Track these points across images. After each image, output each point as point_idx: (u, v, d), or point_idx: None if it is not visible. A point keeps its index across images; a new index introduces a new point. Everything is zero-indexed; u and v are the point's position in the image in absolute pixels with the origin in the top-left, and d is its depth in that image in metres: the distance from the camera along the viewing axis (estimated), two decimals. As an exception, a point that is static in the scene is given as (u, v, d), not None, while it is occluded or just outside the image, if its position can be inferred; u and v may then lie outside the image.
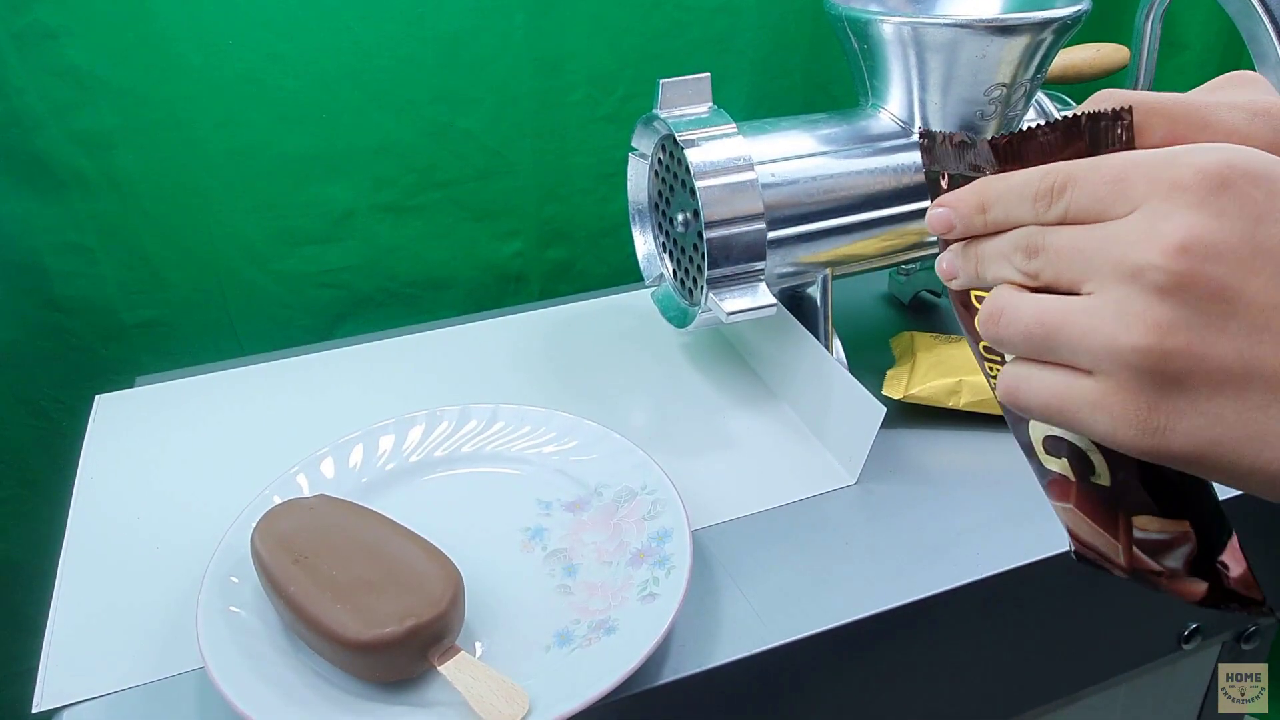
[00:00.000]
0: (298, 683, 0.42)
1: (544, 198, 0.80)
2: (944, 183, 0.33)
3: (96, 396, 0.66)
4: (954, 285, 0.32)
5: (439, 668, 0.41)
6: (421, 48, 0.71)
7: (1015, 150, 0.30)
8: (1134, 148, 0.28)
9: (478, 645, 0.45)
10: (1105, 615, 0.55)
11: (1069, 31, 0.55)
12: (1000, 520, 0.52)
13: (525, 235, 0.81)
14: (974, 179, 0.31)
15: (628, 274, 0.67)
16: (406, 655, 0.41)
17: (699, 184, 0.54)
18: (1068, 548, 0.34)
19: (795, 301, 0.63)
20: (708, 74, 0.57)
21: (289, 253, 0.75)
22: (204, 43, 0.66)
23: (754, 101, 0.82)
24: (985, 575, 0.49)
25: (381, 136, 0.73)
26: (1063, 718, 0.60)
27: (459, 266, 0.80)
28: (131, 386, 0.68)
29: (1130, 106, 0.28)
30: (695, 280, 0.60)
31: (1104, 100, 0.29)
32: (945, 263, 0.32)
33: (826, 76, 0.83)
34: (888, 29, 0.56)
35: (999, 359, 0.33)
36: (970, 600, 0.49)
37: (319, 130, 0.71)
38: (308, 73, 0.69)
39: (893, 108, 0.60)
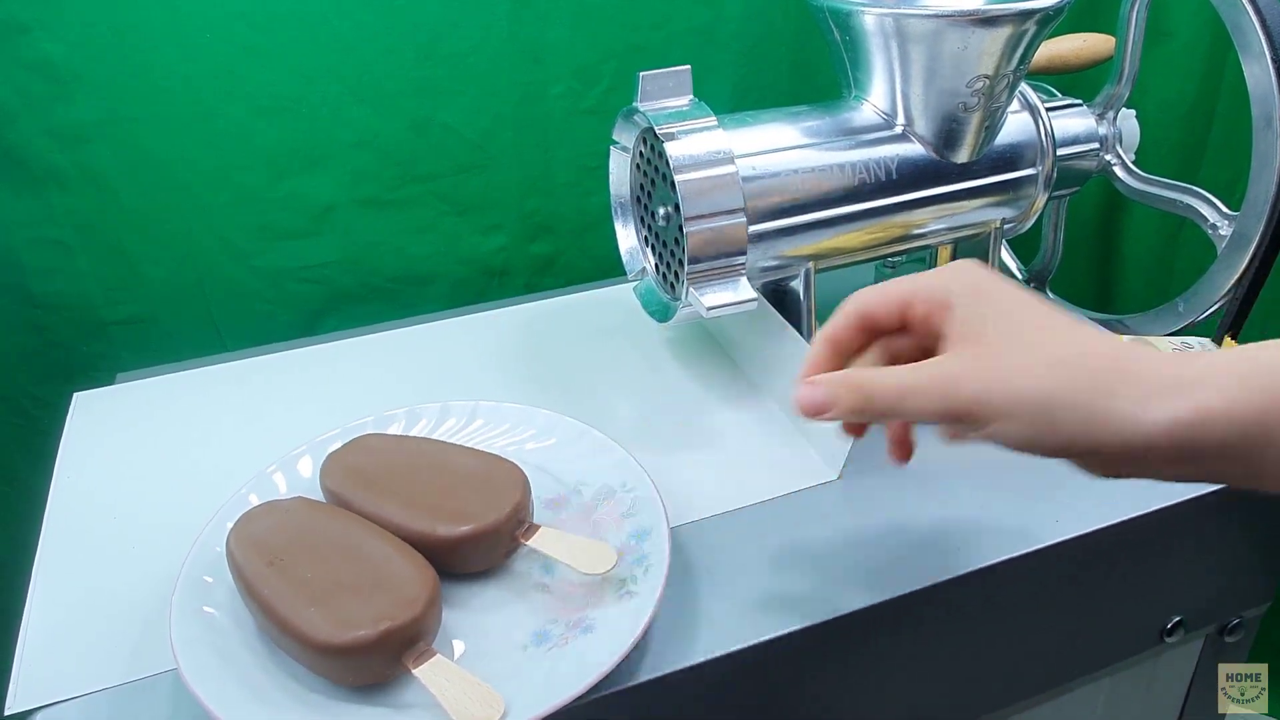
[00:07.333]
0: (271, 685, 0.41)
1: (527, 191, 0.79)
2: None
3: (74, 394, 0.65)
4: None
5: (413, 671, 0.41)
6: (401, 40, 0.70)
7: None
8: None
9: (455, 645, 0.45)
10: (1087, 610, 0.55)
11: (1052, 22, 0.55)
12: (982, 516, 0.52)
13: (508, 229, 0.80)
14: None
15: (614, 268, 0.66)
16: (380, 659, 0.41)
17: (678, 178, 0.54)
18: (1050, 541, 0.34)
19: (778, 296, 0.63)
20: (688, 66, 0.57)
21: (269, 247, 0.74)
22: (179, 35, 0.65)
23: (739, 93, 0.82)
24: (967, 571, 0.48)
25: (361, 130, 0.73)
26: (1045, 712, 0.60)
27: (441, 261, 0.80)
28: (111, 383, 0.67)
29: None
30: (677, 274, 0.59)
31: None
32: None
33: (812, 68, 0.83)
34: (869, 20, 0.55)
35: None
36: (952, 596, 0.48)
37: (298, 124, 0.71)
38: (285, 65, 0.69)
39: (875, 99, 0.59)
